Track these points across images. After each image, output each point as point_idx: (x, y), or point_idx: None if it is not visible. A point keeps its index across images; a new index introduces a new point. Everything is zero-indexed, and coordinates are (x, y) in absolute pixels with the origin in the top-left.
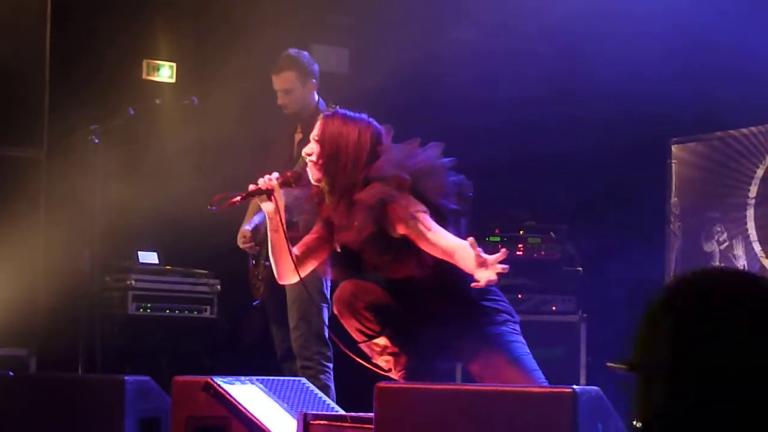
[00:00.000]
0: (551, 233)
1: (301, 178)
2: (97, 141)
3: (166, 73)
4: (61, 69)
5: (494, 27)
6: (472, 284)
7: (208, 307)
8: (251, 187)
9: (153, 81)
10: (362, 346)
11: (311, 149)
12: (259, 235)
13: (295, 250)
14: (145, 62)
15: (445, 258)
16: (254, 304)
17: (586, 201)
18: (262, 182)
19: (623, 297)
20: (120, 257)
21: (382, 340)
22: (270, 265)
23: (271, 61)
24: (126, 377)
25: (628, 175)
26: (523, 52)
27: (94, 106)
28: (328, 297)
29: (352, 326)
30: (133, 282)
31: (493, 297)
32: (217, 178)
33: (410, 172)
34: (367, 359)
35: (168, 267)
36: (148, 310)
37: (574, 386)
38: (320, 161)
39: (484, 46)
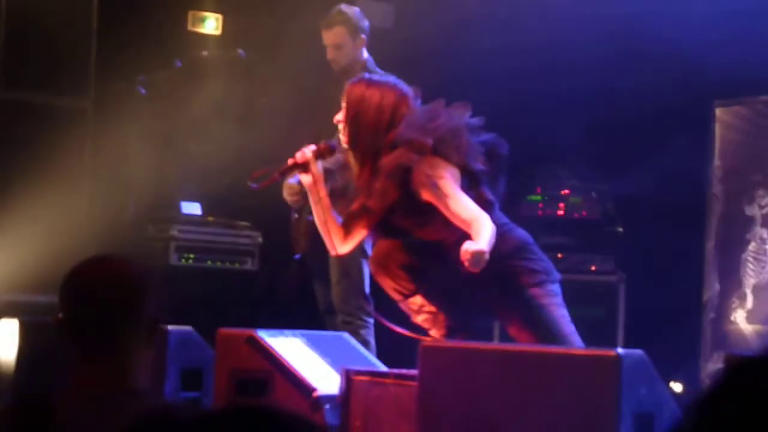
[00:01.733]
0: (592, 193)
1: (334, 149)
2: (143, 91)
3: (211, 24)
4: (107, 18)
5: None
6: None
7: (250, 259)
8: (289, 161)
9: (198, 33)
10: (401, 305)
11: (341, 115)
12: (304, 187)
13: (340, 220)
14: (190, 13)
15: (464, 228)
16: (295, 257)
17: (629, 162)
18: (299, 156)
19: (663, 259)
20: (163, 208)
21: (418, 299)
22: (312, 219)
23: (319, 16)
24: (169, 327)
25: (672, 137)
26: (568, 16)
27: (140, 57)
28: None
29: (388, 285)
30: (175, 232)
31: (530, 256)
32: (261, 132)
33: (433, 134)
34: (407, 321)
35: (210, 218)
36: (190, 261)
37: (618, 349)
38: (345, 126)
39: (523, 6)
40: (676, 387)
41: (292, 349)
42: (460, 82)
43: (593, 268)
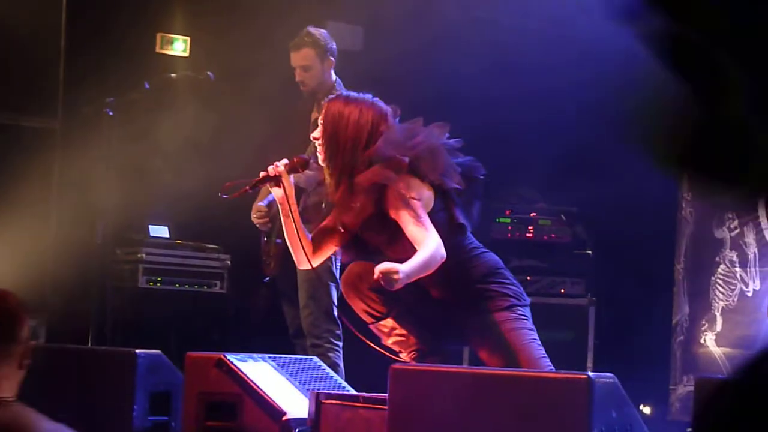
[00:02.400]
0: (561, 216)
1: (308, 163)
2: (111, 113)
3: (179, 47)
4: (76, 40)
5: (510, 5)
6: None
7: (218, 282)
8: (261, 174)
9: (166, 55)
10: (371, 327)
11: (318, 132)
12: (272, 210)
13: (310, 235)
14: (159, 35)
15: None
16: (264, 280)
17: (597, 184)
18: (271, 169)
19: (632, 282)
20: (131, 230)
21: (389, 322)
22: (281, 242)
23: (287, 37)
24: (138, 351)
25: (641, 161)
26: (541, 30)
27: (108, 78)
28: (338, 277)
29: (359, 308)
30: (143, 255)
31: (500, 280)
32: (230, 155)
33: (411, 152)
34: (377, 342)
35: (179, 241)
36: (159, 284)
37: (589, 372)
38: (322, 143)
39: (499, 25)
40: (646, 410)
41: (262, 372)
42: (428, 105)
43: (563, 290)
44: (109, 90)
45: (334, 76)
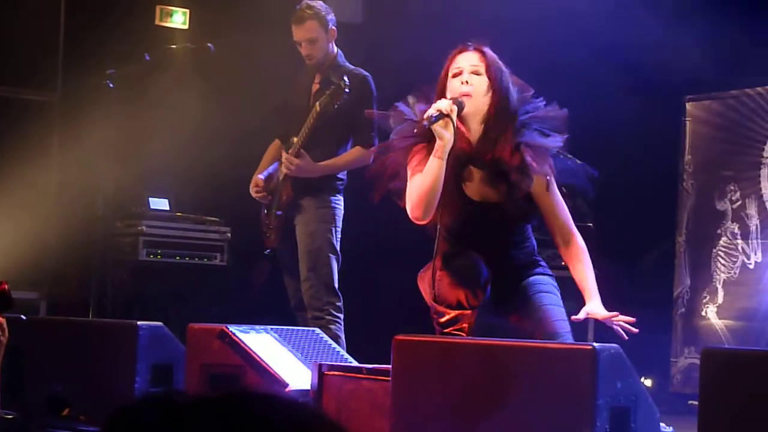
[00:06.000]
0: (563, 188)
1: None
2: (111, 85)
3: (179, 19)
4: (75, 12)
5: None
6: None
7: (219, 255)
8: (430, 111)
9: (166, 27)
10: (433, 304)
11: (469, 80)
12: (271, 183)
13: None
14: (158, 8)
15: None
16: (265, 252)
17: (599, 157)
18: (444, 106)
19: (634, 253)
20: (131, 203)
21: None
22: (282, 214)
23: (285, 7)
24: (139, 323)
25: (642, 132)
26: (538, 17)
27: (108, 51)
28: (338, 249)
29: (455, 296)
30: (144, 228)
31: (531, 249)
32: (229, 126)
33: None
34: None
35: (179, 213)
36: (159, 257)
37: (594, 343)
38: (493, 86)
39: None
40: (647, 382)
41: (264, 344)
42: (430, 77)
43: (564, 263)
44: (108, 63)
45: (335, 48)
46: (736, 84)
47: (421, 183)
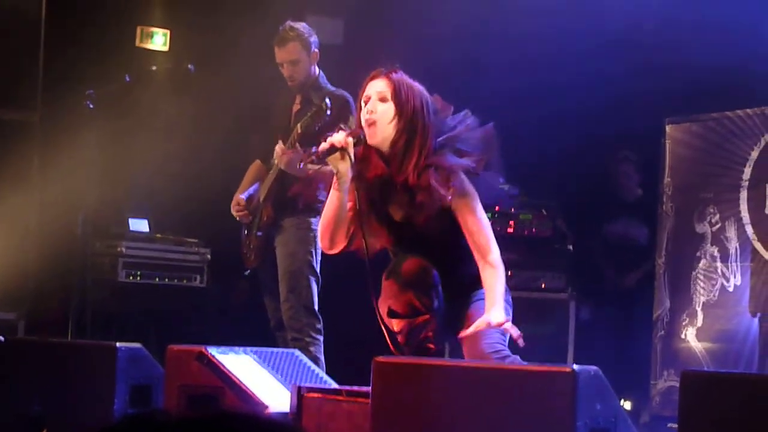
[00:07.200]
0: (542, 210)
1: (362, 139)
2: (91, 106)
3: (159, 40)
4: (55, 33)
5: (485, 3)
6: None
7: (198, 276)
8: (323, 146)
9: (146, 48)
10: (391, 321)
11: (373, 109)
12: (252, 204)
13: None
14: (139, 28)
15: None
16: (245, 273)
17: (580, 179)
18: (338, 140)
19: (613, 276)
20: (111, 224)
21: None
22: (262, 235)
23: (266, 30)
24: (118, 344)
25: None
26: (517, 30)
27: (88, 71)
28: (318, 271)
29: (406, 299)
30: (123, 249)
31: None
32: (209, 147)
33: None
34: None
35: (159, 235)
36: (138, 278)
37: (574, 365)
38: (397, 114)
39: (476, 22)
40: (627, 405)
41: (243, 365)
42: None
43: (543, 285)
44: (88, 83)
45: (317, 69)
46: (716, 107)
47: (324, 215)
